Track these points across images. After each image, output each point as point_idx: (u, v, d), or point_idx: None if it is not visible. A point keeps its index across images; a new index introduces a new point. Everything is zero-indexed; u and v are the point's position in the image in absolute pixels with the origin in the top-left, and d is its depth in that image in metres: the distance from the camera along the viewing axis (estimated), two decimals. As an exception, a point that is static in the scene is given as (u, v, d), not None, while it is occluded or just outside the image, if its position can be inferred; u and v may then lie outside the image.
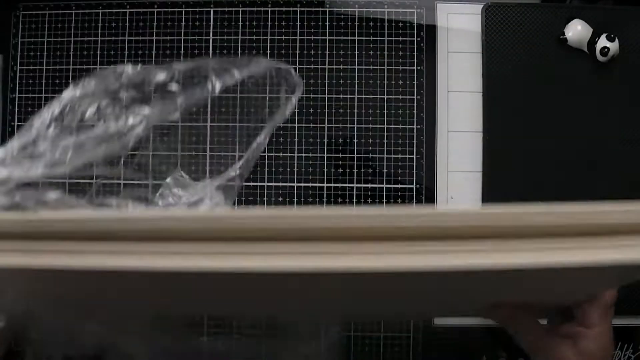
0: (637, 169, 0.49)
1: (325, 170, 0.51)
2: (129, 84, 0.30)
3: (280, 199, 0.51)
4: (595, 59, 0.49)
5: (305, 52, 0.52)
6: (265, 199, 0.51)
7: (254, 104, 0.49)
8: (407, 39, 0.52)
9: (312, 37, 0.52)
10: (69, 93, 0.29)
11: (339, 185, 0.51)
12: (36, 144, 0.27)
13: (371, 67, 0.52)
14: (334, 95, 0.51)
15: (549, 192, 0.49)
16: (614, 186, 0.49)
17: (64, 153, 0.27)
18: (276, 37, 0.52)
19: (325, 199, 0.51)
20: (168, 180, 0.34)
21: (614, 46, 0.48)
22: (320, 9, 0.52)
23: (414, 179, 0.51)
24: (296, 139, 0.51)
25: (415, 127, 0.51)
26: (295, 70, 0.39)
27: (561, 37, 0.49)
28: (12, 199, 0.24)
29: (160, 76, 0.31)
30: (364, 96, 0.51)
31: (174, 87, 0.31)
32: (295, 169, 0.51)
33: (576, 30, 0.49)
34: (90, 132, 0.28)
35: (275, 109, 0.37)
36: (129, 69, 0.30)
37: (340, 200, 0.51)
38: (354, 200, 0.51)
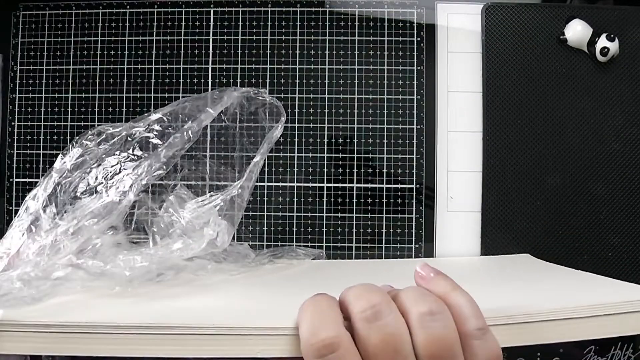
0: (637, 169, 0.49)
1: (325, 170, 0.51)
2: (113, 146, 0.31)
3: (280, 198, 0.51)
4: (595, 59, 0.49)
5: (305, 52, 0.52)
6: (266, 198, 0.51)
7: (247, 129, 0.49)
8: (407, 39, 0.52)
9: (312, 37, 0.52)
10: (59, 164, 0.30)
11: (339, 185, 0.51)
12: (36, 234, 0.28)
13: (371, 67, 0.52)
14: (334, 95, 0.51)
15: (549, 191, 0.49)
16: (613, 186, 0.49)
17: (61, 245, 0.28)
18: (276, 37, 0.52)
19: (325, 199, 0.51)
20: (171, 197, 0.34)
21: (613, 46, 0.48)
22: (320, 9, 0.52)
23: (414, 179, 0.51)
24: (296, 139, 0.51)
25: (415, 127, 0.51)
26: (272, 94, 0.39)
27: (561, 37, 0.49)
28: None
29: (140, 129, 0.31)
30: (364, 96, 0.51)
31: (155, 140, 0.31)
32: (295, 169, 0.51)
33: (576, 30, 0.49)
34: (87, 209, 0.29)
35: (267, 130, 0.38)
36: (109, 129, 0.31)
37: (340, 200, 0.51)
38: (354, 200, 0.51)
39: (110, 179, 0.30)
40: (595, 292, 0.32)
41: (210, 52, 0.52)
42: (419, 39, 0.52)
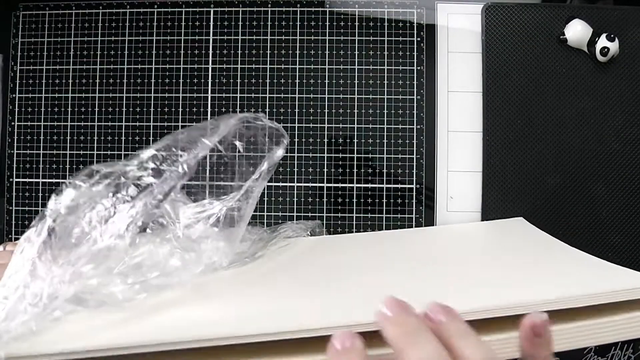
0: (637, 169, 0.49)
1: (325, 170, 0.51)
2: (107, 187, 0.30)
3: (280, 198, 0.51)
4: (595, 59, 0.49)
5: (305, 52, 0.52)
6: (266, 198, 0.51)
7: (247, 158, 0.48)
8: (407, 39, 0.52)
9: (312, 37, 0.52)
10: (52, 206, 0.29)
11: (339, 185, 0.51)
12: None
13: (371, 67, 0.52)
14: (334, 95, 0.51)
15: (549, 192, 0.49)
16: (613, 186, 0.49)
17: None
18: (276, 37, 0.52)
19: (325, 199, 0.51)
20: (166, 205, 0.33)
21: (613, 46, 0.48)
22: (320, 9, 0.52)
23: (414, 179, 0.51)
24: (296, 139, 0.51)
25: (415, 127, 0.51)
26: (266, 114, 0.38)
27: (561, 37, 0.49)
28: None
29: (133, 168, 0.31)
30: (364, 96, 0.51)
31: (149, 179, 0.31)
32: (295, 169, 0.51)
33: (576, 30, 0.49)
34: (82, 254, 0.28)
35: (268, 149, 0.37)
36: (102, 168, 0.31)
37: (340, 200, 0.51)
38: (354, 200, 0.51)
39: (105, 223, 0.29)
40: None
41: (210, 52, 0.52)
42: (419, 39, 0.52)
